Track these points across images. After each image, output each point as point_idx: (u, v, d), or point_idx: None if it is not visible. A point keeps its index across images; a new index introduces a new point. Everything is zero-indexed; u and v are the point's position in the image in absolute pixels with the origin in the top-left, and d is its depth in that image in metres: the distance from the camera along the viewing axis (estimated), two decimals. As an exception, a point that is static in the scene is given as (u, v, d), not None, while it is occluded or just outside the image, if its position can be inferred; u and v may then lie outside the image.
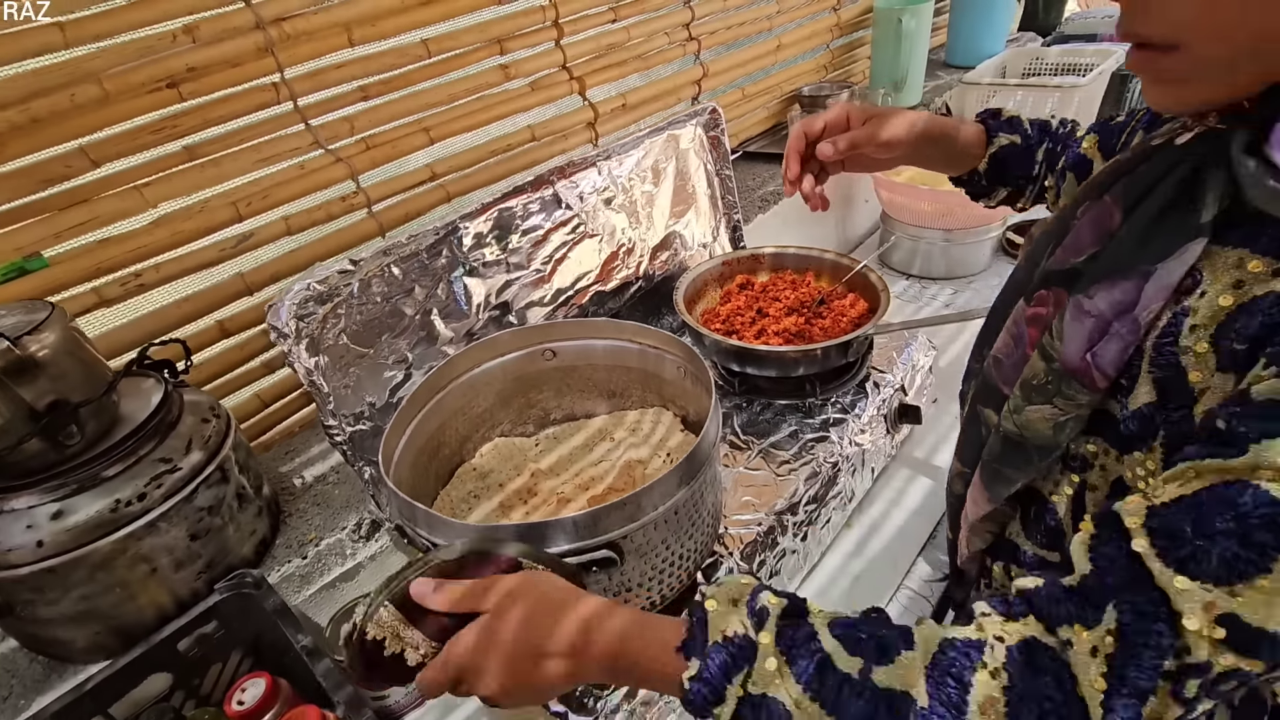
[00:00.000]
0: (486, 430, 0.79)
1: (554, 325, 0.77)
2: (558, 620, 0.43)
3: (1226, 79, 0.35)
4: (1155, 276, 0.38)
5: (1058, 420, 0.44)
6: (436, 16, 0.91)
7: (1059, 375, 0.43)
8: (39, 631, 0.57)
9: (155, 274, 0.76)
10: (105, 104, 0.69)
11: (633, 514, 0.53)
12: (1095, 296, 0.41)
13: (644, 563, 0.56)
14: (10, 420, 0.52)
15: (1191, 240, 0.37)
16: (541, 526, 0.51)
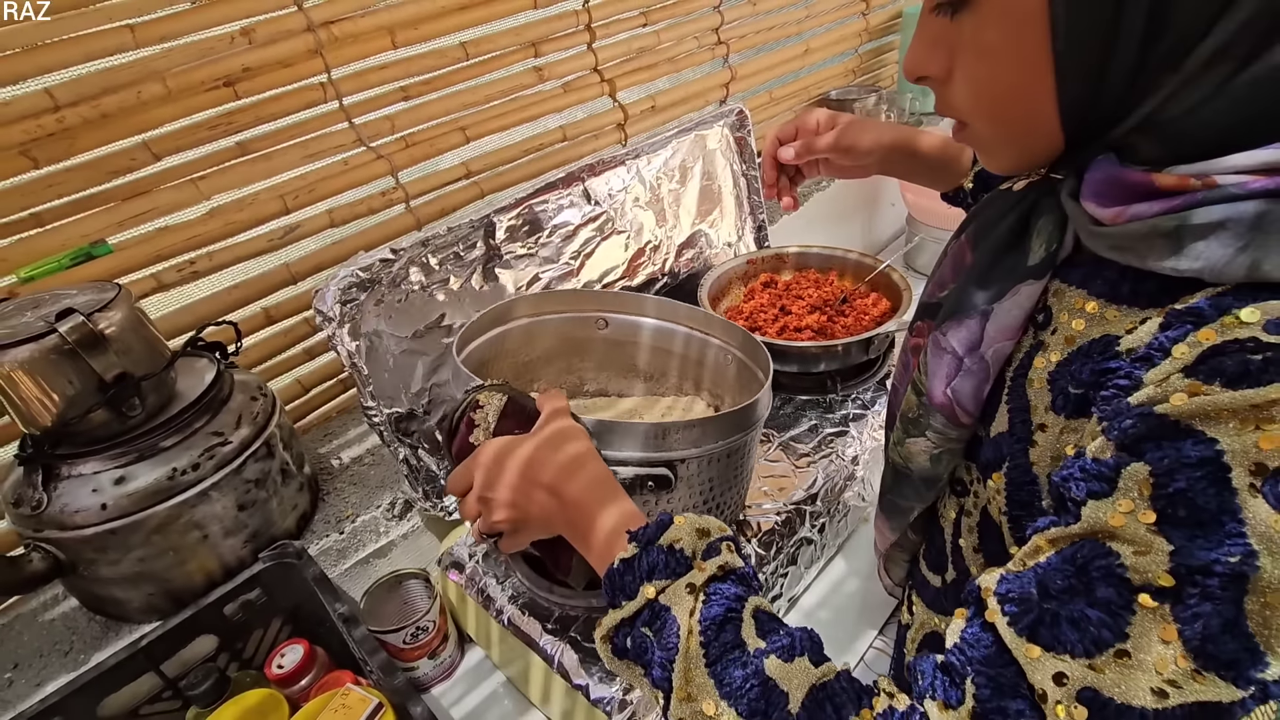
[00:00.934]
0: (525, 382, 0.81)
1: (610, 294, 0.78)
2: (568, 458, 0.46)
3: (1018, 151, 0.37)
4: (994, 317, 0.39)
5: (933, 453, 0.45)
6: (475, 20, 0.95)
7: (928, 409, 0.44)
8: (98, 590, 0.61)
9: (208, 262, 0.80)
10: (168, 101, 0.74)
11: (696, 439, 0.53)
12: (948, 334, 0.42)
13: (687, 496, 0.57)
14: (81, 390, 0.56)
15: (1021, 282, 0.38)
16: (611, 424, 0.51)
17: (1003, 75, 0.34)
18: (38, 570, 0.56)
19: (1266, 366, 0.27)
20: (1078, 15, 0.30)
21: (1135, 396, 0.30)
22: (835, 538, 0.80)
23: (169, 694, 0.62)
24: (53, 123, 0.68)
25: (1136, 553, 0.28)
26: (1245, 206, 0.28)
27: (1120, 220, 0.32)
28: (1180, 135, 0.31)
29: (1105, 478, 0.30)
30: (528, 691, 0.68)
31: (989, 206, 0.44)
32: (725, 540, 0.41)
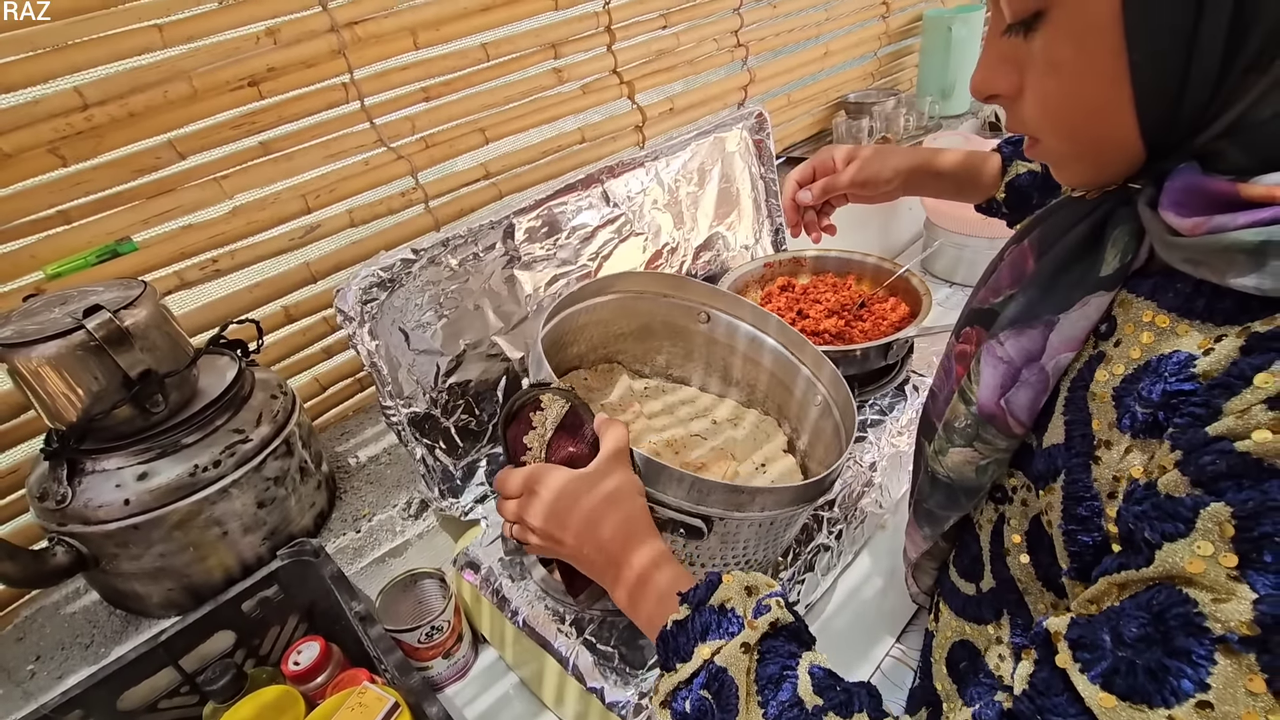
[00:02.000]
0: (612, 350, 0.82)
1: (717, 292, 0.78)
2: (613, 510, 0.47)
3: (1094, 165, 0.36)
4: (1058, 328, 0.38)
5: (979, 463, 0.44)
6: (496, 21, 0.95)
7: (976, 419, 0.43)
8: (119, 585, 0.62)
9: (230, 260, 0.81)
10: (193, 100, 0.75)
11: (741, 504, 0.53)
12: (1006, 343, 0.41)
13: (720, 547, 0.57)
14: (106, 386, 0.56)
15: (1091, 294, 0.37)
16: (659, 466, 0.51)
17: (1078, 90, 0.33)
18: (61, 564, 0.57)
19: None
20: (1155, 22, 0.29)
21: (1214, 427, 0.29)
22: (852, 544, 0.79)
23: (187, 689, 0.63)
24: (81, 121, 0.69)
25: (1216, 600, 0.27)
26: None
27: (1199, 231, 0.31)
28: (1271, 140, 0.30)
29: (1182, 518, 0.28)
30: (541, 693, 0.68)
31: (1056, 213, 0.43)
32: (774, 596, 0.41)
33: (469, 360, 0.77)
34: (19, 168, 0.68)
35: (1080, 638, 0.30)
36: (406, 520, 0.77)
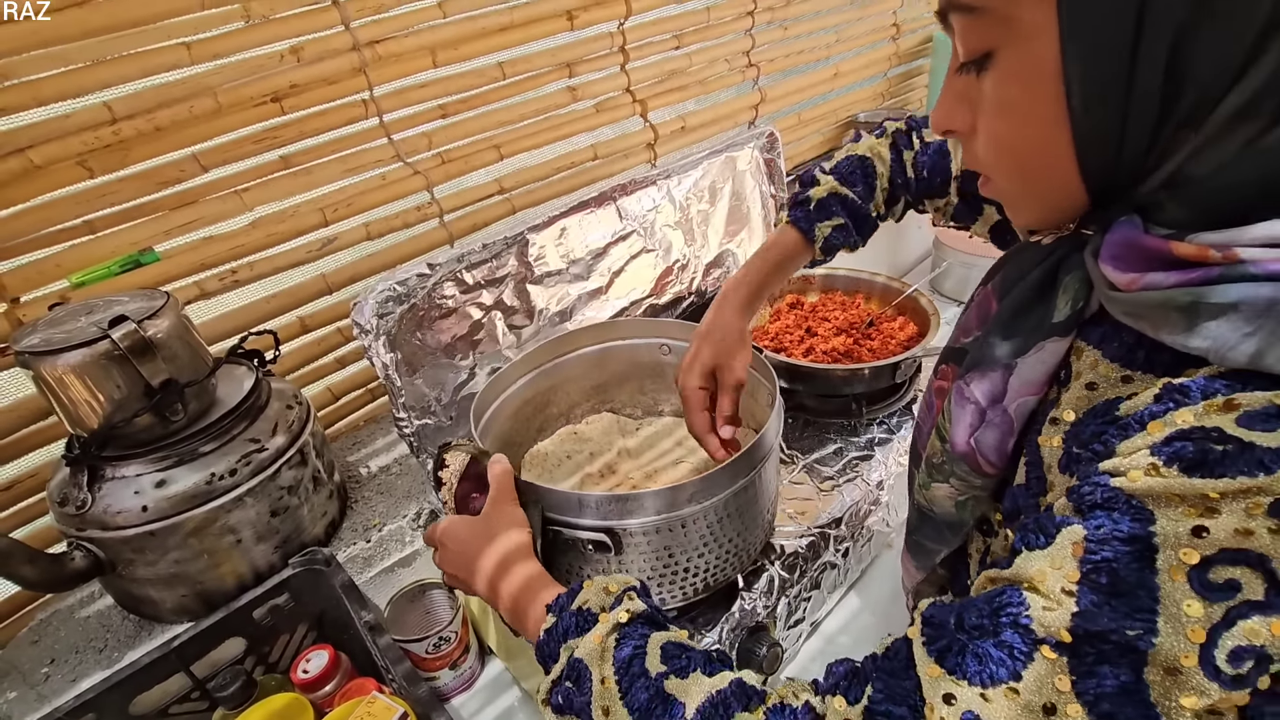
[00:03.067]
0: (598, 402, 0.85)
1: (671, 323, 0.80)
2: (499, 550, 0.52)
3: (1042, 206, 0.37)
4: (1018, 371, 0.39)
5: (958, 499, 0.45)
6: (513, 41, 0.97)
7: (951, 457, 0.43)
8: (134, 590, 0.63)
9: (249, 271, 0.82)
10: (218, 115, 0.77)
11: (630, 510, 0.57)
12: (971, 384, 0.41)
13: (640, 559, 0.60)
14: (128, 395, 0.58)
15: (1046, 339, 0.38)
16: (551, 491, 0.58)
17: (1022, 131, 0.34)
18: (79, 568, 0.58)
19: (1224, 458, 0.26)
20: (1091, 72, 0.30)
21: (1104, 463, 0.30)
22: (859, 563, 0.79)
23: (197, 694, 0.63)
24: (109, 134, 0.71)
25: (1046, 608, 0.29)
26: (1260, 289, 0.27)
27: (1135, 287, 0.32)
28: (1205, 197, 0.30)
29: (1047, 533, 0.31)
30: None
31: (1016, 257, 0.44)
32: (628, 591, 0.45)
33: (481, 372, 0.78)
34: (48, 179, 0.70)
35: (932, 616, 0.33)
36: (416, 531, 0.77)
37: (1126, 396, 0.33)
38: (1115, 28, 0.28)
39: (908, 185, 0.66)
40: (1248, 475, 0.26)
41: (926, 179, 0.65)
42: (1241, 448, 0.26)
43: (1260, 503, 0.26)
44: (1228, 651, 0.26)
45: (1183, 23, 0.27)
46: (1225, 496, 0.26)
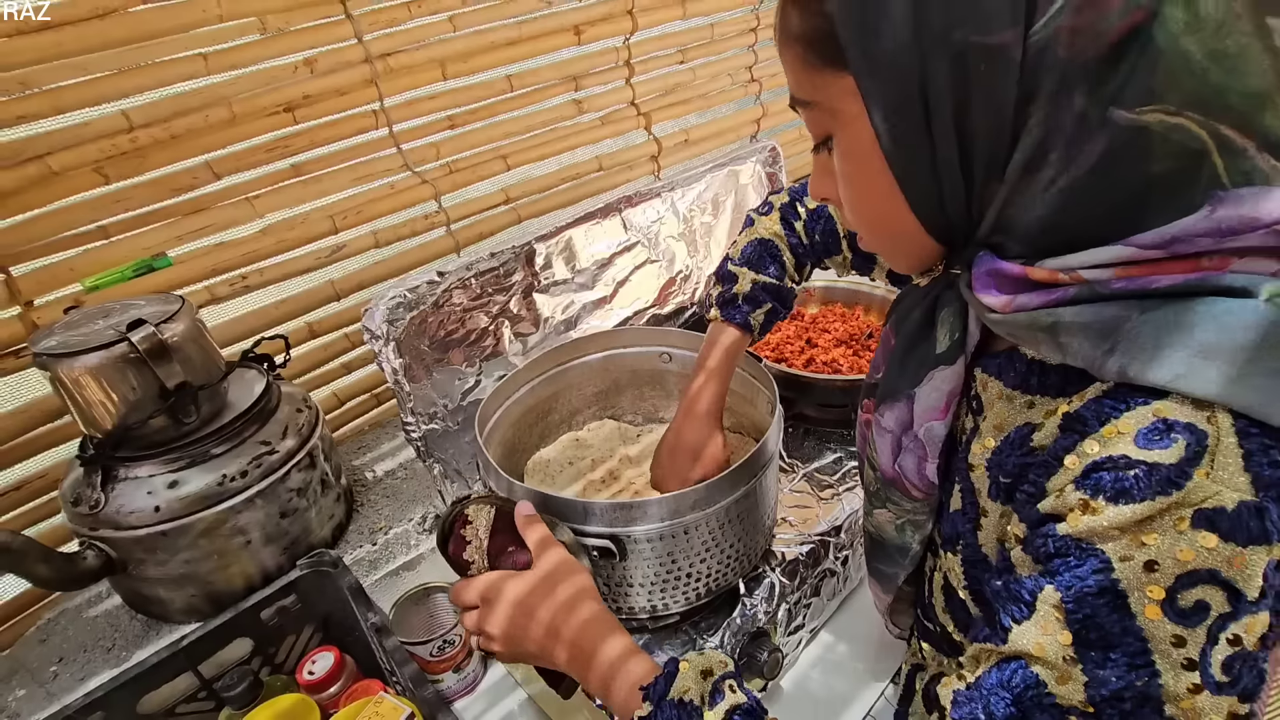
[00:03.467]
0: (599, 409, 0.86)
1: (671, 331, 0.82)
2: (571, 611, 0.49)
3: (903, 257, 0.41)
4: (917, 400, 0.42)
5: (896, 523, 0.47)
6: (521, 55, 0.99)
7: (882, 483, 0.46)
8: (144, 590, 0.64)
9: (259, 277, 0.84)
10: (232, 124, 0.78)
11: (634, 518, 0.57)
12: (884, 415, 0.45)
13: (643, 565, 0.60)
14: (143, 397, 0.59)
15: (933, 369, 0.41)
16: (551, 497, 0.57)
17: (867, 198, 0.38)
18: (91, 567, 0.59)
19: (1137, 484, 0.29)
20: (899, 148, 0.34)
21: (1042, 505, 0.32)
22: (858, 570, 0.80)
23: (204, 694, 0.64)
24: (126, 142, 0.72)
25: (1059, 680, 0.31)
26: (1106, 310, 0.31)
27: (1009, 309, 0.34)
28: (1029, 235, 0.33)
29: (1025, 602, 0.32)
30: (548, 709, 0.69)
31: (905, 299, 0.47)
32: (727, 678, 0.44)
33: (488, 379, 0.79)
34: (65, 185, 0.71)
35: (962, 717, 0.34)
36: (421, 534, 0.78)
37: (1035, 423, 0.36)
38: (908, 113, 0.33)
39: (808, 251, 0.71)
40: (1163, 494, 0.28)
41: (821, 242, 0.70)
42: (1148, 469, 0.28)
43: (1184, 516, 0.28)
44: (1220, 664, 0.28)
45: (958, 101, 0.32)
46: (1153, 518, 0.28)
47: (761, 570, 0.70)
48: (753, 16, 1.27)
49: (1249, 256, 0.29)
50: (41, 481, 0.73)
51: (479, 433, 0.66)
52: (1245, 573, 0.28)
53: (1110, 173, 0.30)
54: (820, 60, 0.35)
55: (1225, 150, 0.29)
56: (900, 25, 0.31)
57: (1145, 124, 0.29)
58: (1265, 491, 0.28)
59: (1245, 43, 0.28)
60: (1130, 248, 0.30)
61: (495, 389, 0.72)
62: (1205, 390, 0.28)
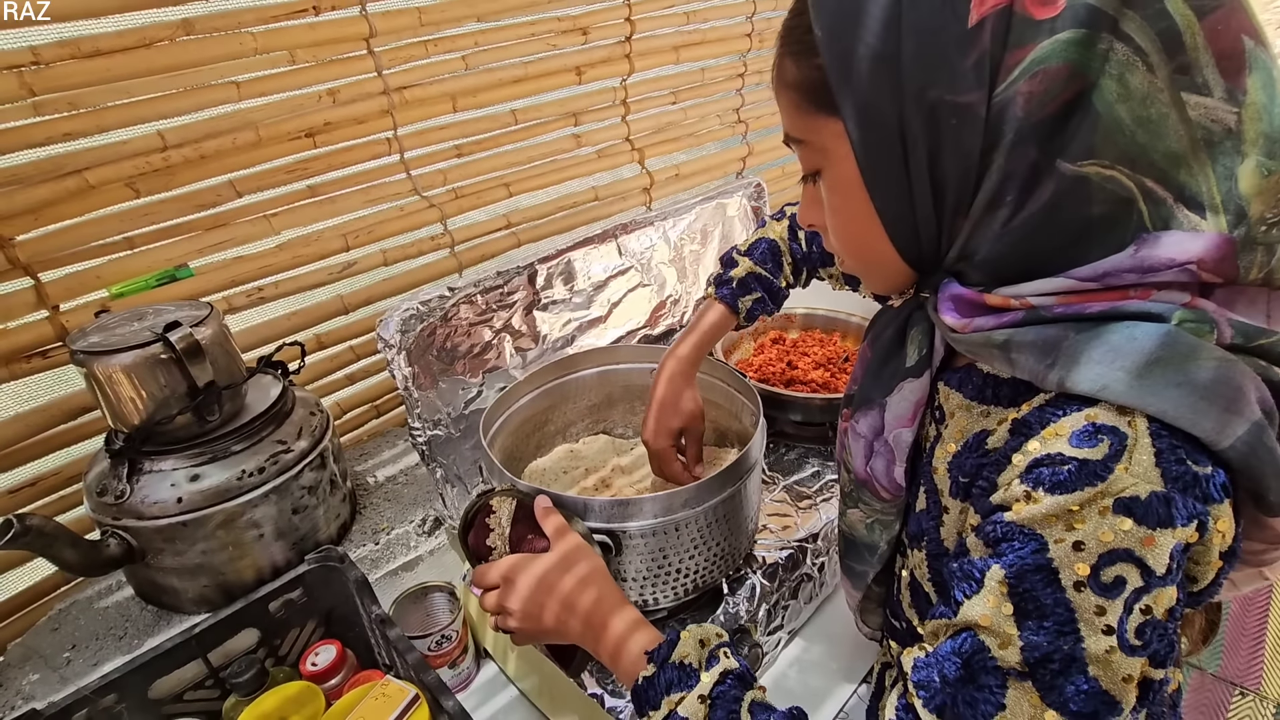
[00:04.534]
0: (592, 422, 0.91)
1: (662, 350, 0.84)
2: (586, 588, 0.54)
3: (880, 280, 0.46)
4: (888, 408, 0.48)
5: (867, 522, 0.53)
6: (526, 92, 1.06)
7: (855, 483, 0.52)
8: (159, 580, 0.67)
9: (274, 290, 0.89)
10: (257, 147, 0.84)
11: (630, 514, 0.62)
12: (859, 422, 0.50)
13: (637, 560, 0.64)
14: (173, 395, 0.63)
15: (903, 380, 0.46)
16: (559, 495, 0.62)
17: (850, 227, 0.43)
18: (113, 555, 0.62)
19: (1070, 478, 0.33)
20: (880, 185, 0.39)
21: (994, 497, 0.37)
22: (833, 577, 0.85)
23: (211, 683, 0.67)
24: (159, 160, 0.77)
25: (1000, 645, 0.35)
26: (1049, 330, 0.36)
27: (969, 330, 0.39)
28: (987, 265, 0.38)
29: (975, 579, 0.37)
30: (540, 703, 0.73)
31: (880, 318, 0.53)
32: (722, 647, 0.49)
33: (490, 390, 0.84)
34: (98, 197, 0.76)
35: (920, 680, 0.39)
36: (421, 536, 0.82)
37: (989, 429, 0.41)
38: (888, 156, 0.38)
39: (808, 259, 0.78)
40: (1091, 486, 0.33)
41: (819, 254, 0.76)
42: (1080, 465, 0.33)
43: (1106, 505, 0.33)
44: (1134, 630, 0.34)
45: (931, 148, 0.37)
46: (1083, 507, 0.33)
47: (744, 572, 0.75)
48: (740, 63, 1.36)
49: (1166, 289, 0.35)
50: (56, 479, 0.77)
51: (483, 436, 0.71)
52: (1155, 552, 0.33)
53: (1056, 214, 0.35)
54: (813, 106, 0.40)
55: (1149, 199, 0.34)
56: (884, 83, 0.36)
57: (1086, 174, 0.34)
58: (1172, 484, 0.33)
59: (1165, 112, 0.33)
60: (1070, 280, 0.36)
61: (497, 399, 0.77)
62: (1124, 398, 0.34)
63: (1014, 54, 0.34)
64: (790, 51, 0.41)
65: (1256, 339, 0.35)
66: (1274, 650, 1.28)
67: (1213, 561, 0.36)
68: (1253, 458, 0.34)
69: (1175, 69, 0.33)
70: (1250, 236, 0.34)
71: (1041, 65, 0.33)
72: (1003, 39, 0.34)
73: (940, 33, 0.35)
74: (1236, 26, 0.33)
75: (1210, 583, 0.37)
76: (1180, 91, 0.33)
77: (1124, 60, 0.33)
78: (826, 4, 0.37)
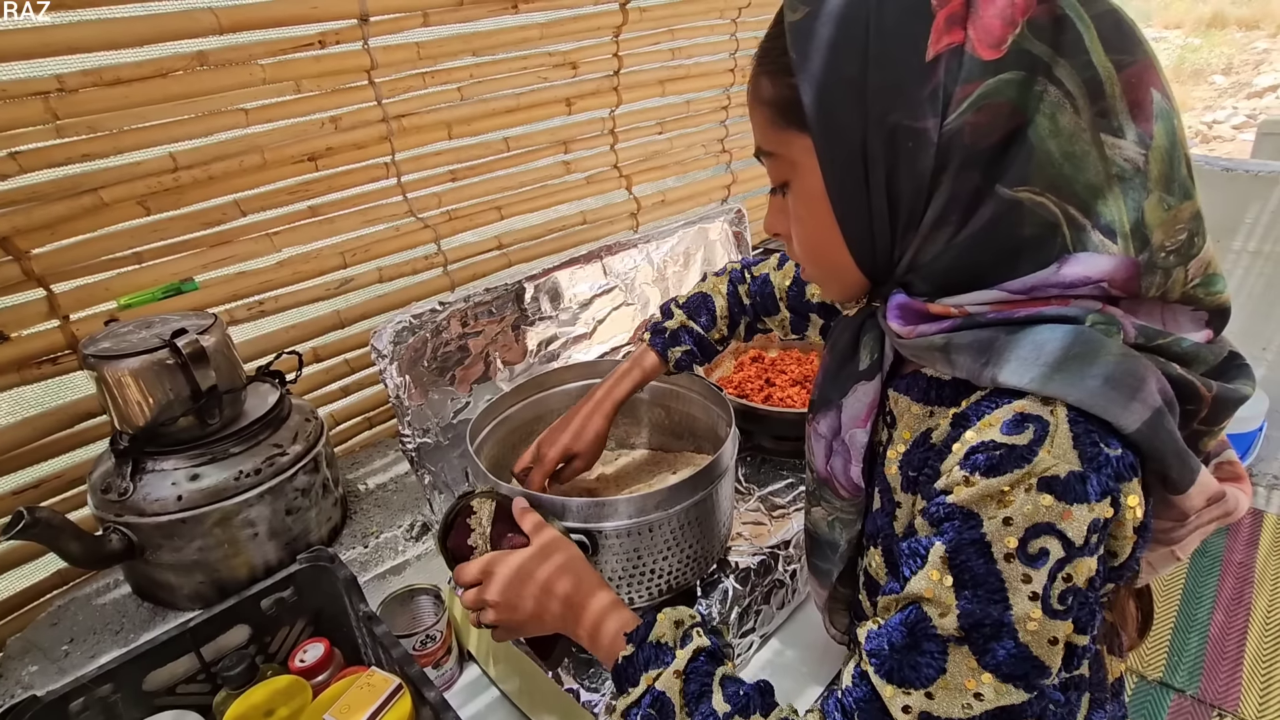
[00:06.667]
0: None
1: None
2: (564, 574, 0.57)
3: (838, 286, 0.50)
4: (844, 409, 0.52)
5: (828, 519, 0.57)
6: (518, 121, 1.12)
7: (818, 483, 0.56)
8: (156, 575, 0.70)
9: (274, 304, 0.93)
10: (262, 169, 0.89)
11: (605, 514, 0.66)
12: (819, 423, 0.54)
13: (614, 560, 0.68)
14: (177, 398, 0.67)
15: (857, 383, 0.51)
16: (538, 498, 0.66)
17: (813, 236, 0.47)
18: (115, 549, 0.65)
19: (1002, 460, 0.37)
20: (843, 198, 0.43)
21: (938, 483, 0.41)
22: (805, 584, 0.88)
23: (203, 677, 0.69)
24: (170, 180, 0.82)
25: (941, 615, 0.39)
26: (982, 333, 0.40)
27: (913, 335, 0.44)
28: (933, 276, 0.43)
29: (920, 555, 0.41)
30: (521, 703, 0.75)
31: (837, 326, 0.57)
32: (695, 626, 0.52)
33: (477, 400, 0.88)
34: (111, 214, 0.80)
35: (873, 649, 0.42)
36: (408, 542, 0.85)
37: (933, 427, 0.45)
38: (851, 171, 0.42)
39: (744, 310, 0.82)
40: (1018, 468, 0.37)
41: (760, 303, 0.80)
42: (1009, 450, 0.37)
43: (1031, 483, 0.37)
44: (1057, 596, 0.38)
45: (889, 166, 0.40)
46: (1012, 487, 0.37)
47: (717, 576, 0.79)
48: (724, 97, 1.43)
49: (1081, 300, 0.40)
50: (58, 481, 0.80)
51: (469, 443, 0.75)
52: (1073, 525, 0.37)
53: (994, 233, 0.40)
54: (785, 122, 0.44)
55: (1072, 225, 0.39)
56: (851, 105, 0.40)
57: (1020, 199, 0.39)
58: (1088, 464, 0.37)
59: (1087, 149, 0.38)
60: (1003, 292, 0.40)
61: (484, 408, 0.81)
62: (1045, 388, 0.38)
63: (964, 88, 0.38)
64: (766, 70, 0.45)
65: (1155, 339, 0.40)
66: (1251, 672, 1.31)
67: (1128, 536, 0.40)
68: (1156, 440, 0.38)
69: (1096, 113, 0.38)
70: (1152, 262, 0.39)
71: (986, 100, 0.38)
72: (955, 74, 0.38)
73: (902, 64, 0.39)
74: (1148, 81, 0.39)
75: (1129, 556, 0.41)
76: (1100, 133, 0.38)
77: (1056, 101, 0.38)
78: (802, 31, 0.41)
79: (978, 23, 0.38)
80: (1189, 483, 0.41)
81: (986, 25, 0.38)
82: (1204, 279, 0.41)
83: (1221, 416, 0.43)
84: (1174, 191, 0.39)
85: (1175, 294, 0.41)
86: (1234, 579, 1.45)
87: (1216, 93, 5.89)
